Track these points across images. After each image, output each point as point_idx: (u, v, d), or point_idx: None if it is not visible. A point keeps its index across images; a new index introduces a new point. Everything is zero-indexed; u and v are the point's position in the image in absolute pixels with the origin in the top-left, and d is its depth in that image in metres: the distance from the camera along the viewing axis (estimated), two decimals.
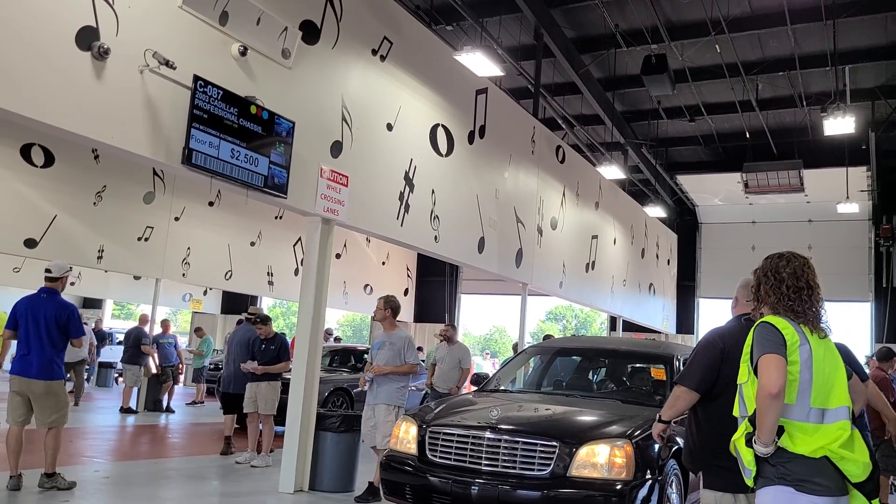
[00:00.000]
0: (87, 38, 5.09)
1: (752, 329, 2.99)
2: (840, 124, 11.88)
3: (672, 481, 5.26)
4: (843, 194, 16.27)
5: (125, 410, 12.59)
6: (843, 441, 2.79)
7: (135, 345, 12.88)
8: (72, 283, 7.97)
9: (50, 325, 6.24)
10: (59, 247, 11.94)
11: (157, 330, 13.95)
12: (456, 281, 22.08)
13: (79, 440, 9.19)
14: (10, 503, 5.83)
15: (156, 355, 13.23)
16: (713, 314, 21.47)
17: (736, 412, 3.05)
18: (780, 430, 2.82)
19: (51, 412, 6.23)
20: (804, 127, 15.88)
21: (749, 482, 2.95)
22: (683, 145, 18.40)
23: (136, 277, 17.07)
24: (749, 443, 2.87)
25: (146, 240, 13.63)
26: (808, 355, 2.87)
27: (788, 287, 3.03)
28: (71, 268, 6.75)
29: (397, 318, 6.96)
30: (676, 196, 20.62)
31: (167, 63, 5.55)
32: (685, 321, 20.96)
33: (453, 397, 7.01)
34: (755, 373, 2.87)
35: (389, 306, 6.85)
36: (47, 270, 6.55)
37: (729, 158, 18.08)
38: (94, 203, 12.58)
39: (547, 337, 13.06)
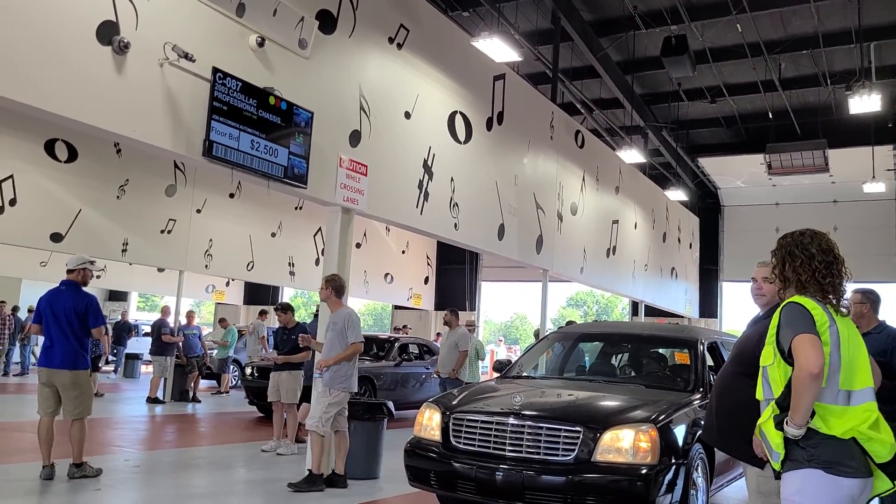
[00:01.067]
0: (107, 32, 5.13)
1: (778, 310, 2.89)
2: (865, 102, 11.68)
3: (698, 465, 5.24)
4: (869, 174, 16.02)
5: (152, 400, 12.77)
6: (871, 422, 2.74)
7: (160, 336, 13.08)
8: (97, 276, 8.05)
9: (70, 316, 6.36)
10: (84, 241, 12.11)
11: (182, 321, 14.11)
12: (476, 268, 22.08)
13: (108, 430, 9.34)
14: (45, 492, 5.95)
15: (180, 344, 13.40)
16: (736, 298, 21.30)
17: (760, 395, 2.97)
18: (811, 413, 2.76)
19: (75, 402, 6.35)
20: (828, 106, 15.63)
21: (776, 466, 2.89)
22: (705, 127, 18.19)
23: (160, 270, 17.26)
24: (780, 425, 2.80)
25: (169, 232, 13.77)
26: (836, 336, 2.79)
27: (820, 262, 2.90)
28: (93, 261, 6.83)
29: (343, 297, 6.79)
30: (698, 179, 20.41)
31: (186, 56, 5.58)
32: (708, 305, 20.80)
33: (476, 384, 7.02)
34: (782, 355, 2.80)
35: (330, 285, 6.72)
36: (67, 264, 6.69)
37: (751, 139, 17.85)
38: (118, 197, 12.73)
39: (569, 323, 13.03)
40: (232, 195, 15.03)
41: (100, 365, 11.82)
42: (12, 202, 11.14)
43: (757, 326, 3.67)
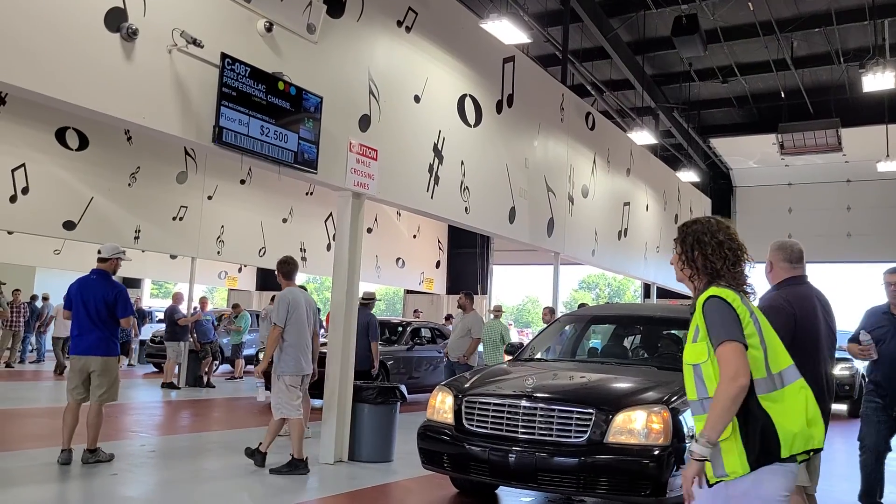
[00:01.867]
0: (115, 19, 5.13)
1: (700, 304, 2.70)
2: (879, 80, 11.55)
3: None
4: (884, 152, 15.84)
5: (167, 385, 12.90)
6: (812, 401, 2.61)
7: (173, 322, 13.17)
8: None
9: (99, 305, 6.46)
10: (96, 228, 12.19)
11: (196, 307, 14.20)
12: (487, 252, 22.05)
13: (124, 415, 9.44)
14: (63, 477, 6.03)
15: (194, 331, 13.51)
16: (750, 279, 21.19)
17: (693, 395, 2.74)
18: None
19: (102, 387, 6.46)
20: (841, 84, 15.45)
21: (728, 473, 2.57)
22: (716, 108, 18.03)
23: (173, 256, 17.34)
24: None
25: (181, 219, 13.82)
26: (757, 322, 2.67)
27: (731, 250, 2.76)
28: (123, 251, 6.93)
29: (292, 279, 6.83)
30: (710, 160, 20.27)
31: (195, 42, 5.58)
32: None
33: (489, 367, 7.04)
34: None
35: (279, 269, 6.82)
36: (99, 252, 6.76)
37: (763, 119, 17.68)
38: (129, 184, 12.78)
39: (581, 305, 13.01)
40: (243, 181, 15.07)
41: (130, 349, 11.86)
42: (25, 191, 11.21)
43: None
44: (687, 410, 4.98)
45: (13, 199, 11.09)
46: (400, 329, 12.80)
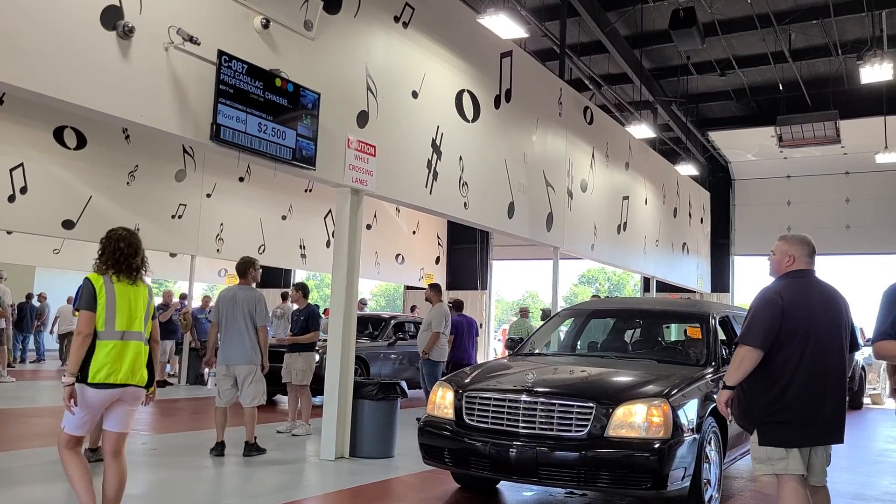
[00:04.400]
0: (111, 17, 5.12)
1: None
2: (877, 72, 11.53)
3: (710, 439, 5.26)
4: (882, 144, 15.82)
5: (159, 384, 12.72)
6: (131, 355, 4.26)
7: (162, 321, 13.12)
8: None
9: None
10: (95, 227, 12.14)
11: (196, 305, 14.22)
12: (487, 247, 22.05)
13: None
14: (62, 477, 6.03)
15: (194, 328, 13.50)
16: (749, 272, 21.21)
17: None
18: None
19: None
20: (839, 76, 15.42)
21: None
22: (714, 101, 18.00)
23: (172, 255, 17.33)
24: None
25: (180, 217, 13.81)
26: (111, 296, 4.20)
27: (124, 254, 4.39)
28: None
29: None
30: (708, 153, 20.25)
31: (191, 39, 5.57)
32: (720, 280, 20.72)
33: (489, 362, 7.05)
34: None
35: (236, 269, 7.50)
36: None
37: (762, 112, 17.66)
38: (128, 183, 12.76)
39: (594, 297, 12.96)
40: (241, 179, 15.06)
41: None
42: (23, 190, 11.20)
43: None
44: (687, 403, 4.99)
45: (12, 198, 11.07)
46: (382, 324, 12.66)
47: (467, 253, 21.87)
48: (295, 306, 9.20)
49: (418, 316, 14.26)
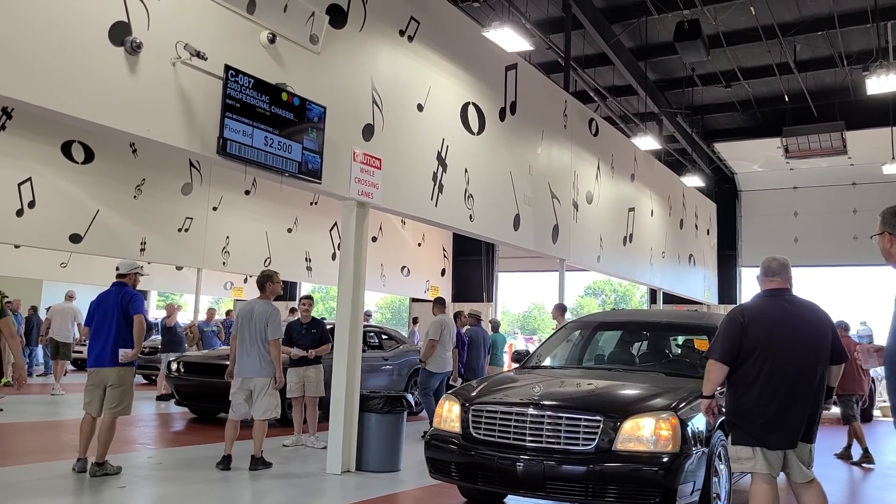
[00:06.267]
0: (119, 33, 5.15)
1: None
2: (883, 83, 11.51)
3: (720, 452, 5.22)
4: (889, 155, 15.78)
5: (160, 398, 12.62)
6: None
7: (167, 332, 13.07)
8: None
9: (117, 311, 6.55)
10: (103, 241, 12.22)
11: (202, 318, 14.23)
12: (492, 259, 22.03)
13: (129, 428, 9.44)
14: (70, 491, 6.03)
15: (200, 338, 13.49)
16: (756, 283, 21.10)
17: None
18: None
19: (117, 400, 6.49)
20: (845, 87, 15.41)
21: None
22: (720, 112, 18.01)
23: (178, 268, 17.40)
24: None
25: (186, 230, 13.86)
26: None
27: None
28: (141, 266, 7.04)
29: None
30: (714, 164, 20.24)
31: (198, 54, 5.60)
32: (727, 291, 20.64)
33: (495, 375, 7.02)
34: None
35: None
36: (117, 268, 6.90)
37: (767, 123, 17.65)
38: (135, 196, 12.83)
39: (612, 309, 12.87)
40: (247, 192, 15.12)
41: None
42: (31, 204, 11.26)
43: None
44: (696, 417, 4.96)
45: (20, 212, 11.14)
46: (384, 336, 12.27)
47: (473, 265, 21.85)
48: (296, 317, 9.21)
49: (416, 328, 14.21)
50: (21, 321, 15.25)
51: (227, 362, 8.34)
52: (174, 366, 10.70)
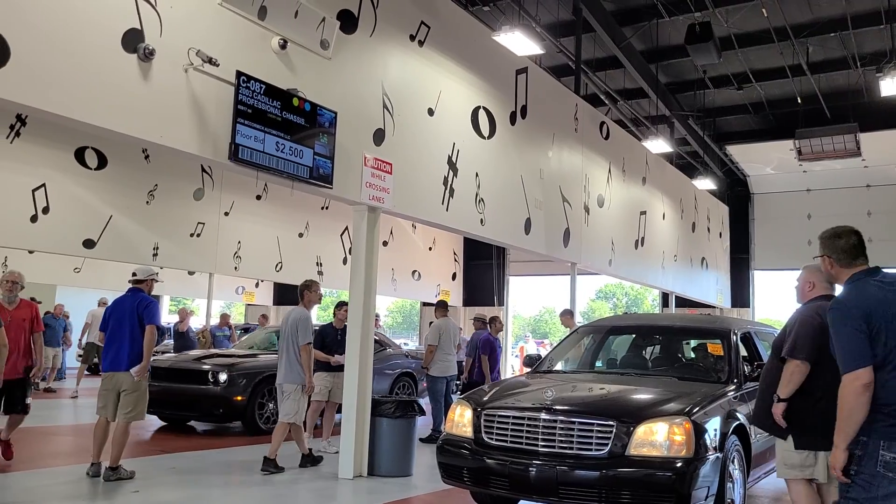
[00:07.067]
0: (132, 40, 5.19)
1: None
2: None
3: (734, 457, 5.18)
4: None
5: None
6: None
7: (178, 336, 13.17)
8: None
9: (132, 317, 6.60)
10: (115, 246, 12.30)
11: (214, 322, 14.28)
12: (503, 263, 22.00)
13: (143, 432, 9.48)
14: (84, 496, 6.06)
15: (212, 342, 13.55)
16: (769, 287, 20.99)
17: None
18: None
19: (131, 405, 6.53)
20: (859, 89, 15.30)
21: None
22: (732, 114, 17.92)
23: (190, 273, 17.46)
24: None
25: (198, 235, 13.93)
26: None
27: None
28: (157, 272, 7.12)
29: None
30: (726, 167, 20.14)
31: (210, 60, 5.63)
32: (740, 295, 20.51)
33: (507, 380, 7.00)
34: None
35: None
36: (134, 274, 6.97)
37: (780, 126, 17.54)
38: (147, 202, 12.90)
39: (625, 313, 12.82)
40: (259, 197, 15.18)
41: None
42: (45, 210, 11.34)
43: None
44: (710, 421, 4.92)
45: (34, 218, 11.22)
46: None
47: (484, 269, 21.83)
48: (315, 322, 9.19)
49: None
50: (65, 326, 15.32)
51: (195, 367, 8.99)
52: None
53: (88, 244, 12.01)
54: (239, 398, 9.33)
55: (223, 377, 9.38)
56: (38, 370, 7.05)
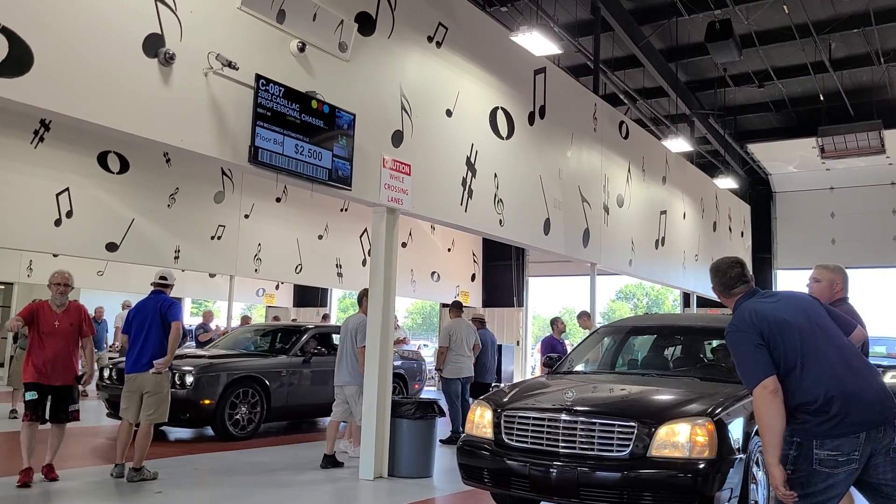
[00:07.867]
0: (153, 45, 5.24)
1: None
2: None
3: (757, 458, 5.12)
4: None
5: None
6: None
7: (196, 337, 13.32)
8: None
9: (155, 319, 6.69)
10: (138, 249, 12.43)
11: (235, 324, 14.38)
12: (523, 264, 21.92)
13: (164, 432, 9.55)
14: (108, 497, 6.12)
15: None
16: (792, 286, 20.72)
17: None
18: None
19: (153, 407, 6.61)
20: (882, 85, 15.08)
21: None
22: (753, 112, 17.73)
23: (211, 275, 17.60)
24: None
25: (219, 238, 14.03)
26: None
27: None
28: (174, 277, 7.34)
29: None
30: (748, 166, 19.93)
31: (230, 64, 5.67)
32: None
33: (527, 380, 6.97)
34: None
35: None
36: (162, 277, 7.06)
37: (802, 123, 17.33)
38: (169, 205, 13.02)
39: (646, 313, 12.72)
40: (279, 199, 15.26)
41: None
42: (69, 214, 11.49)
43: None
44: (733, 422, 4.87)
45: (58, 222, 11.36)
46: (295, 337, 10.55)
47: (503, 270, 21.77)
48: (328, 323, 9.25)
49: None
50: (108, 328, 15.52)
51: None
52: (106, 372, 9.61)
53: (111, 247, 12.15)
54: (207, 402, 8.86)
55: (189, 379, 8.81)
56: (88, 377, 6.61)
